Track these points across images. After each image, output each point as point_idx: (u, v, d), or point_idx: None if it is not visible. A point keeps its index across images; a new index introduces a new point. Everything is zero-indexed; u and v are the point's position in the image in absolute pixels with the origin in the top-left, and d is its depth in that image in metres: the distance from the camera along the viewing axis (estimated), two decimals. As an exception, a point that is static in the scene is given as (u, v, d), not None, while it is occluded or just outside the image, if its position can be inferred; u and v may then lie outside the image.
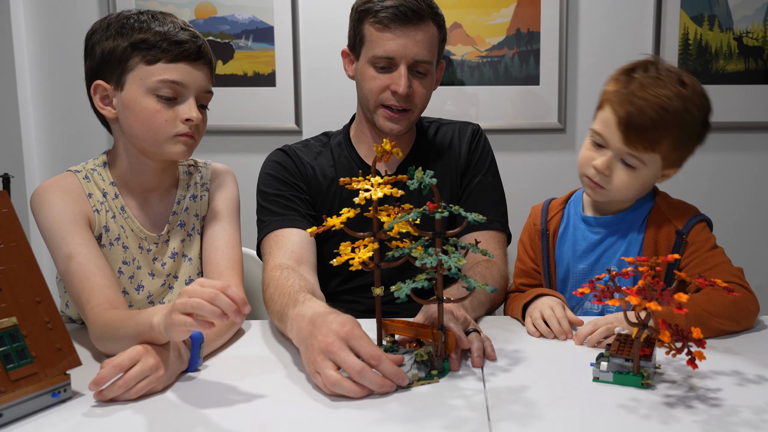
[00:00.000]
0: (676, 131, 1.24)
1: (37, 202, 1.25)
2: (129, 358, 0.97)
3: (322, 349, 0.97)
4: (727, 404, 0.93)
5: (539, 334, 1.21)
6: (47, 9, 2.33)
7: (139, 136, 1.24)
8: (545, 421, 0.89)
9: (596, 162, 1.28)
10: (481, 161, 1.57)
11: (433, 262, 0.97)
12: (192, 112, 1.22)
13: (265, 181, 1.51)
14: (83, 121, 2.34)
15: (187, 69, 1.22)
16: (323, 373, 0.96)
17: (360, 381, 0.95)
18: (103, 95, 1.25)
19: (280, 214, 1.44)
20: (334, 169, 1.53)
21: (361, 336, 0.98)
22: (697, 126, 1.28)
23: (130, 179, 1.31)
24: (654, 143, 1.24)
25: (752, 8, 2.26)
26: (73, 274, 1.19)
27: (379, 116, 1.46)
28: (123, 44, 1.21)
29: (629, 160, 1.26)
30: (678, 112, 1.23)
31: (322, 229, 1.06)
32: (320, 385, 0.98)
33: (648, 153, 1.25)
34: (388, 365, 0.97)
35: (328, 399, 0.97)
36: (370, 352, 0.96)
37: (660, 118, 1.22)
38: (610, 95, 1.27)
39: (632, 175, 1.28)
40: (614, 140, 1.26)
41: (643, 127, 1.22)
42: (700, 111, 1.27)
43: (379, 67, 1.43)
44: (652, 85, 1.23)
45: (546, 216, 1.44)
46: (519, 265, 1.47)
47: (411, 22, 1.39)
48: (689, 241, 1.31)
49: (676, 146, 1.27)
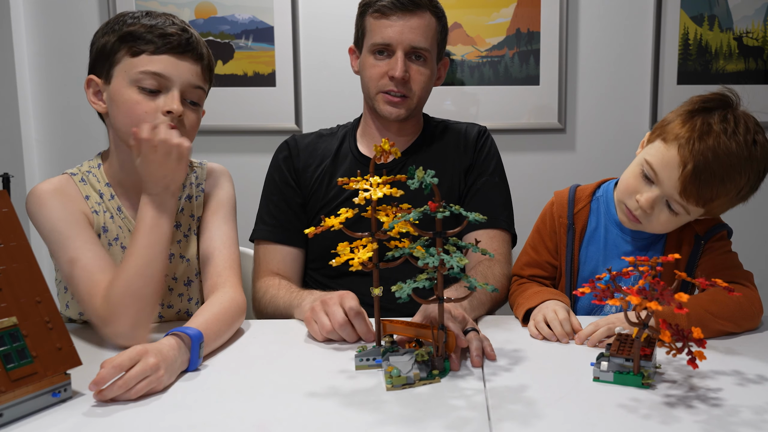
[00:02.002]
0: (731, 194, 1.21)
1: (34, 204, 1.23)
2: (129, 358, 0.97)
3: (322, 301, 1.23)
4: (728, 404, 0.93)
5: (542, 337, 1.21)
6: (47, 9, 2.33)
7: (122, 128, 1.22)
8: (546, 421, 0.89)
9: (641, 197, 1.24)
10: (486, 162, 1.57)
11: (435, 261, 0.96)
12: (173, 104, 1.20)
13: (267, 176, 1.62)
14: (83, 121, 2.34)
15: (171, 61, 1.21)
16: (319, 320, 1.21)
17: (339, 331, 1.19)
18: (95, 90, 1.26)
19: (272, 224, 1.56)
20: (334, 156, 1.59)
21: (352, 297, 1.22)
22: (749, 193, 1.24)
23: (123, 178, 1.31)
24: (708, 201, 1.21)
25: (752, 8, 2.26)
26: (78, 277, 1.18)
27: (379, 102, 1.51)
28: (113, 39, 1.22)
29: (675, 207, 1.23)
30: (741, 177, 1.19)
31: (321, 230, 1.06)
32: (314, 333, 1.22)
33: (697, 208, 1.22)
34: (361, 323, 1.20)
35: (328, 399, 0.97)
36: (353, 309, 1.19)
37: (723, 181, 1.17)
38: (680, 136, 1.19)
39: (673, 220, 1.25)
40: (669, 185, 1.20)
41: (705, 183, 1.17)
42: (758, 179, 1.23)
43: (377, 53, 1.48)
44: (726, 143, 1.16)
45: (573, 208, 1.38)
46: (532, 254, 1.43)
47: (408, 10, 1.45)
48: (706, 247, 1.32)
49: (724, 207, 1.25)
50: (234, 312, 1.24)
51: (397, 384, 1.00)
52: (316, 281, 1.56)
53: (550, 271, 1.42)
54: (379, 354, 1.08)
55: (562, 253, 1.39)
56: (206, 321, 1.15)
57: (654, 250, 1.36)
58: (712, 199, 1.20)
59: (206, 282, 1.32)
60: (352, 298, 1.22)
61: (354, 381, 1.04)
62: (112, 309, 1.14)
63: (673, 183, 1.20)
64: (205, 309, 1.20)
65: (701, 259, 1.32)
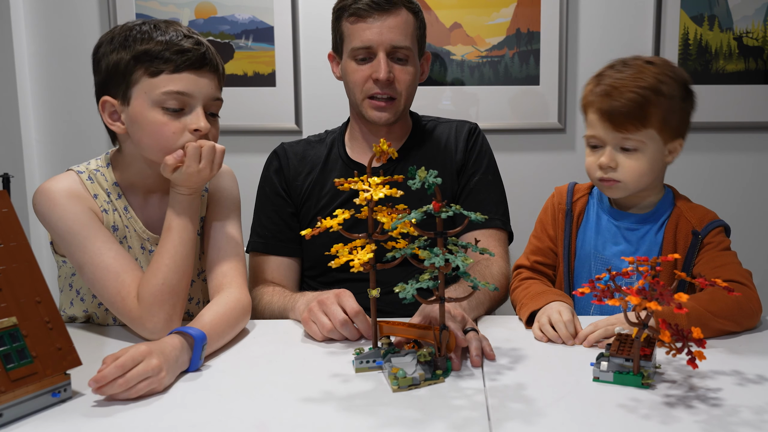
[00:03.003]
0: (658, 100, 1.27)
1: (44, 204, 1.22)
2: (132, 358, 0.97)
3: (319, 302, 1.22)
4: (728, 404, 0.93)
5: (547, 339, 1.21)
6: (47, 9, 2.33)
7: (149, 149, 1.22)
8: (546, 421, 0.89)
9: (600, 160, 1.31)
10: (478, 160, 1.56)
11: (440, 261, 0.96)
12: (200, 122, 1.20)
13: (259, 188, 1.63)
14: (83, 121, 2.34)
15: (191, 78, 1.20)
16: (318, 319, 1.20)
17: (340, 330, 1.19)
18: (111, 111, 1.24)
19: (265, 236, 1.57)
20: (324, 164, 1.58)
21: (349, 296, 1.22)
22: (678, 90, 1.30)
23: (135, 182, 1.31)
24: (642, 119, 1.27)
25: (752, 8, 2.26)
26: (104, 279, 1.18)
27: (366, 108, 1.50)
28: (126, 57, 1.19)
29: (628, 145, 1.29)
30: (652, 83, 1.27)
31: (318, 231, 1.05)
32: (313, 333, 1.22)
33: (641, 130, 1.28)
34: (362, 321, 1.20)
35: (328, 400, 0.97)
36: (353, 308, 1.19)
37: (638, 95, 1.26)
38: (588, 98, 1.33)
39: (638, 158, 1.30)
40: (606, 134, 1.30)
41: (625, 108, 1.26)
42: (674, 77, 1.31)
43: (359, 59, 1.47)
44: (621, 73, 1.30)
45: (572, 197, 1.46)
46: (536, 243, 1.48)
47: (384, 10, 1.43)
48: (705, 242, 1.33)
49: (666, 115, 1.29)
50: (239, 312, 1.24)
51: (403, 385, 0.99)
52: (313, 289, 1.55)
53: (552, 258, 1.47)
54: (379, 356, 1.08)
55: (560, 237, 1.45)
56: (211, 321, 1.15)
57: (651, 244, 1.36)
58: (645, 115, 1.26)
59: (211, 282, 1.31)
60: (349, 297, 1.22)
61: (354, 382, 1.04)
62: (149, 307, 1.16)
63: (607, 130, 1.29)
64: (210, 309, 1.20)
65: (699, 256, 1.33)
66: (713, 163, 2.34)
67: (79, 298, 1.34)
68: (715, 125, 2.30)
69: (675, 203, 1.39)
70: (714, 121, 2.29)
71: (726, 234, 1.36)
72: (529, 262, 1.46)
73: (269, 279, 1.53)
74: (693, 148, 2.32)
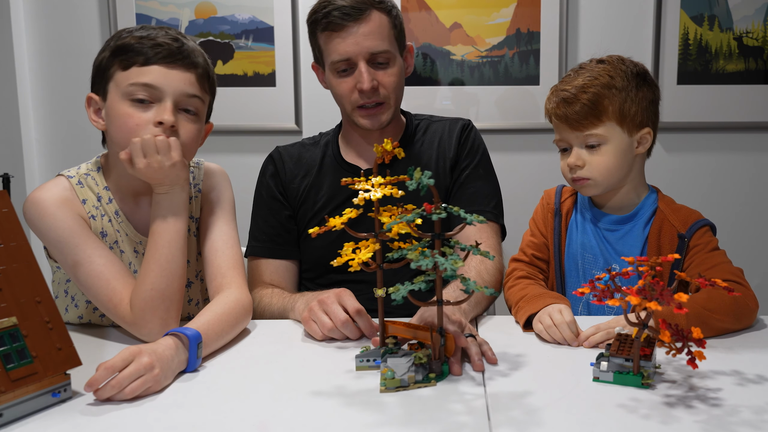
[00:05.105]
0: (610, 93, 1.31)
1: (33, 213, 1.22)
2: (122, 359, 0.97)
3: (320, 301, 1.22)
4: (728, 404, 0.93)
5: (552, 339, 1.20)
6: (47, 9, 2.33)
7: (117, 142, 1.21)
8: (546, 421, 0.89)
9: (568, 161, 1.35)
10: (470, 153, 1.56)
11: (429, 264, 0.96)
12: (164, 115, 1.18)
13: (255, 193, 1.62)
14: (83, 122, 2.33)
15: (161, 71, 1.19)
16: (318, 319, 1.20)
17: (341, 329, 1.19)
18: (96, 108, 1.25)
19: (263, 240, 1.56)
20: (319, 167, 1.57)
21: (350, 295, 1.22)
22: (630, 80, 1.33)
23: (123, 185, 1.30)
24: (597, 114, 1.31)
25: (752, 8, 2.26)
26: (96, 286, 1.18)
27: (357, 117, 1.49)
28: (107, 54, 1.21)
29: (591, 141, 1.33)
30: (602, 80, 1.32)
31: (324, 230, 1.05)
32: (313, 332, 1.21)
33: (598, 126, 1.31)
34: (364, 320, 1.19)
35: (328, 400, 0.97)
36: (354, 307, 1.20)
37: (590, 93, 1.31)
38: (547, 107, 1.39)
39: (603, 153, 1.33)
40: (568, 135, 1.35)
41: (578, 107, 1.31)
42: (625, 70, 1.34)
43: (340, 71, 1.46)
44: (573, 76, 1.36)
45: (560, 198, 1.49)
46: (532, 239, 1.50)
47: (354, 19, 1.41)
48: (691, 244, 1.32)
49: (621, 106, 1.31)
50: (238, 312, 1.23)
51: (390, 386, 0.99)
52: (312, 291, 1.55)
53: (546, 254, 1.49)
54: (380, 355, 1.08)
55: (551, 236, 1.47)
56: (207, 321, 1.15)
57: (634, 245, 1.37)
58: (599, 109, 1.30)
59: (211, 283, 1.31)
60: (350, 296, 1.22)
61: (354, 382, 1.04)
62: (141, 313, 1.15)
63: (567, 131, 1.34)
64: (208, 309, 1.20)
65: (688, 259, 1.32)
66: (713, 163, 2.34)
67: (74, 304, 1.34)
68: (715, 125, 2.30)
69: (657, 204, 1.38)
70: (714, 121, 2.29)
71: (712, 232, 1.36)
72: (527, 256, 1.47)
73: (268, 281, 1.53)
74: (693, 148, 2.32)
